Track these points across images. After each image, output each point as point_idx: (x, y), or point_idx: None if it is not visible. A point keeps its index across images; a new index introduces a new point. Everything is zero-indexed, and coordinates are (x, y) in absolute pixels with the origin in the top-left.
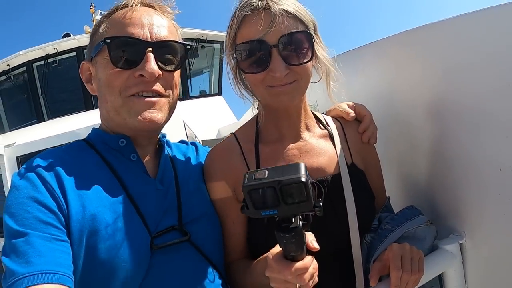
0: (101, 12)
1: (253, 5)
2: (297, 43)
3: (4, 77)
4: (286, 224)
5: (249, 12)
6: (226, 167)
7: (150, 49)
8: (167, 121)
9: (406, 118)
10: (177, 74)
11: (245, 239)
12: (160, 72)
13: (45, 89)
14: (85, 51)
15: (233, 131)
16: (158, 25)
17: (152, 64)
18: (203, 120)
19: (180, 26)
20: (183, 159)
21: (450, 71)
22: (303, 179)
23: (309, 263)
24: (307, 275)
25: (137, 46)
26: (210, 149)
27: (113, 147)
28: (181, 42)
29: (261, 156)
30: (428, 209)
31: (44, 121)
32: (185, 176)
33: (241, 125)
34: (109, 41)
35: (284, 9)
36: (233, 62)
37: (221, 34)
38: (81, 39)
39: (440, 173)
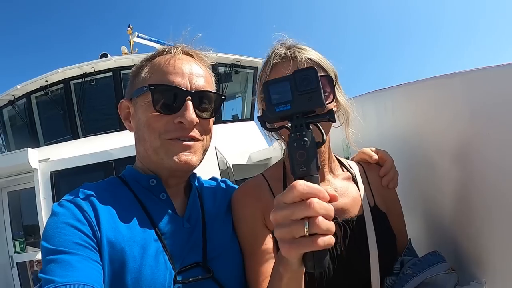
0: (138, 35)
1: (282, 54)
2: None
3: (42, 93)
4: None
5: (279, 60)
6: (256, 200)
7: (189, 97)
8: (201, 163)
9: (433, 161)
10: (212, 120)
11: None
12: (197, 120)
13: (81, 106)
14: (121, 72)
15: (263, 160)
16: (197, 75)
17: (191, 112)
18: (234, 144)
19: (216, 51)
20: (212, 197)
21: (478, 117)
22: (315, 68)
23: (321, 191)
24: (317, 205)
25: (178, 94)
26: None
27: (144, 186)
28: (217, 92)
29: None
30: (450, 254)
31: (79, 137)
32: (212, 214)
33: (273, 151)
34: (153, 88)
35: (308, 57)
36: (262, 105)
37: (255, 60)
38: (118, 60)
39: (464, 219)
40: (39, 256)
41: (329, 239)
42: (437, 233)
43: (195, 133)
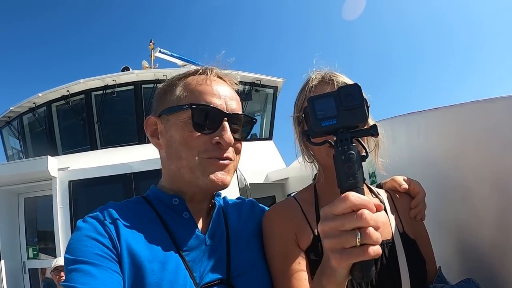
0: (160, 50)
1: (320, 78)
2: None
3: (62, 102)
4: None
5: (317, 83)
6: (289, 220)
7: (226, 119)
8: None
9: (470, 185)
10: (241, 142)
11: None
12: (233, 141)
13: (101, 118)
14: (142, 86)
15: (285, 180)
16: (231, 98)
17: (228, 133)
18: (252, 163)
19: (236, 69)
20: (237, 215)
21: None
22: (359, 84)
23: (370, 202)
24: (368, 215)
25: (216, 115)
26: (267, 207)
27: (167, 205)
28: (249, 115)
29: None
30: (484, 282)
31: (97, 148)
32: (237, 231)
33: (290, 171)
34: (194, 107)
35: (344, 82)
36: (298, 126)
37: (275, 79)
38: (140, 74)
39: (500, 247)
40: (55, 264)
41: (378, 249)
42: (470, 260)
43: (229, 153)
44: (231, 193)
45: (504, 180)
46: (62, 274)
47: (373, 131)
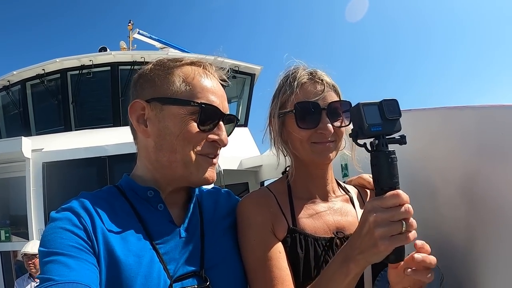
0: (139, 31)
1: (308, 75)
2: (341, 110)
3: (37, 81)
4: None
5: (306, 81)
6: (265, 209)
7: (222, 118)
8: None
9: (437, 185)
10: None
11: (290, 272)
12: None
13: (76, 98)
14: (119, 67)
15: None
16: (224, 97)
17: (225, 133)
18: (226, 149)
19: (214, 55)
20: (212, 206)
21: (485, 152)
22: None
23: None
24: (410, 209)
25: (216, 114)
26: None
27: (142, 197)
28: (236, 116)
29: (296, 209)
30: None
31: (71, 130)
32: (212, 223)
33: (264, 158)
34: (204, 106)
35: (331, 83)
36: (278, 120)
37: (253, 67)
38: (117, 55)
39: (461, 245)
40: (23, 250)
41: (415, 234)
42: (433, 254)
43: (219, 150)
44: None
45: (469, 184)
46: (30, 262)
47: (403, 139)
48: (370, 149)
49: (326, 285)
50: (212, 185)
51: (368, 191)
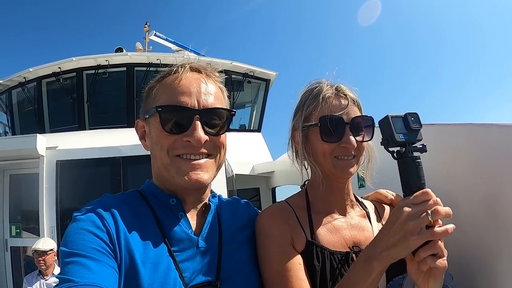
0: (156, 33)
1: (333, 90)
2: (363, 125)
3: (53, 79)
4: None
5: (331, 95)
6: (284, 221)
7: (197, 116)
8: (214, 178)
9: (459, 203)
10: (224, 135)
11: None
12: (207, 138)
13: (91, 98)
14: (135, 68)
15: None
16: (205, 93)
17: (198, 131)
18: (239, 154)
19: (230, 59)
20: (231, 217)
21: (510, 172)
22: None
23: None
24: (439, 201)
25: (186, 113)
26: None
27: (164, 204)
28: (225, 108)
29: (314, 223)
30: None
31: (85, 129)
32: (230, 234)
33: (276, 164)
34: (160, 109)
35: (354, 98)
36: (302, 133)
37: (268, 72)
38: (133, 56)
39: (480, 261)
40: (34, 246)
41: (443, 229)
42: (451, 270)
43: (205, 149)
44: (218, 183)
45: (491, 202)
46: (40, 258)
47: (425, 148)
48: (396, 157)
49: (351, 284)
50: (224, 185)
51: (386, 206)
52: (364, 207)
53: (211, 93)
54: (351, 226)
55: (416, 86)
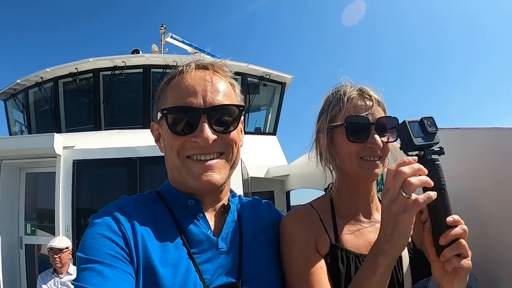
0: (172, 35)
1: (357, 91)
2: (388, 125)
3: (70, 79)
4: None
5: (356, 96)
6: (308, 225)
7: (203, 115)
8: (229, 178)
9: (482, 207)
10: (236, 131)
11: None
12: (215, 137)
13: (107, 99)
14: (151, 70)
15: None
16: (211, 90)
17: (205, 131)
18: (254, 157)
19: (247, 62)
20: (252, 218)
21: None
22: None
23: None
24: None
25: (191, 113)
26: (287, 212)
27: (182, 205)
28: (233, 104)
29: (338, 227)
30: None
31: (101, 129)
32: (250, 235)
33: (292, 168)
34: (165, 112)
35: (378, 99)
36: (327, 134)
37: (284, 76)
38: (150, 58)
39: (503, 267)
40: (50, 244)
41: (427, 194)
42: (474, 273)
43: (216, 148)
44: (235, 186)
45: None
46: (56, 256)
47: (443, 151)
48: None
49: (359, 283)
50: (240, 187)
51: None
52: None
53: (218, 90)
54: (375, 229)
55: (443, 89)
